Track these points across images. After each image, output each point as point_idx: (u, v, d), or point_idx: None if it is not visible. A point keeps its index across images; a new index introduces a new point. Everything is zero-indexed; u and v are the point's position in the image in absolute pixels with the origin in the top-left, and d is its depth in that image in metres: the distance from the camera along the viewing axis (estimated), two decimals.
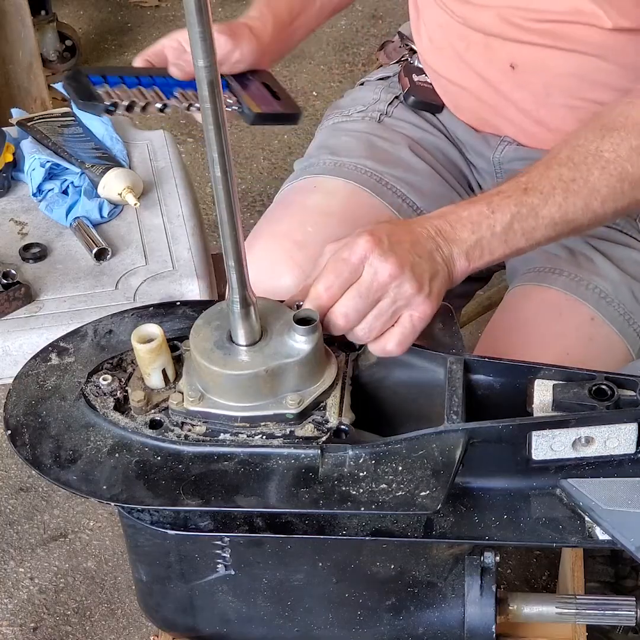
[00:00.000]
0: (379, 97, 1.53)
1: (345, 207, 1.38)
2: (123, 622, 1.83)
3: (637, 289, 1.33)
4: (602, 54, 1.29)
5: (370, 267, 1.03)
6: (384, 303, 1.04)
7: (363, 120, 1.51)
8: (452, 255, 1.10)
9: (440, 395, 0.98)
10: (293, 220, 1.37)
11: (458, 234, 1.09)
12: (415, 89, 1.50)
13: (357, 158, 1.43)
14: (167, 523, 0.98)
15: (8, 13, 2.51)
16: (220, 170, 0.85)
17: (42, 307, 1.49)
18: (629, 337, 1.31)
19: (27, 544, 1.96)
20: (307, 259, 1.30)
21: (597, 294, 1.31)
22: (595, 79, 1.31)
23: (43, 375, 1.05)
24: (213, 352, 0.96)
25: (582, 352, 1.25)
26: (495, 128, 1.44)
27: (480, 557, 1.02)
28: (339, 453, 0.94)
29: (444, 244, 1.09)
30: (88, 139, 1.72)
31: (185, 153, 2.81)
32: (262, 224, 1.41)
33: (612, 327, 1.30)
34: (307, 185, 1.43)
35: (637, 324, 1.32)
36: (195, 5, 0.77)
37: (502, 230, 1.10)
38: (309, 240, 1.32)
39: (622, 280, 1.33)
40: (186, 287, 1.52)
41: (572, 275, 1.32)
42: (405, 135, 1.48)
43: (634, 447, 0.95)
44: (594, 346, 1.29)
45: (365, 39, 3.32)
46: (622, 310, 1.31)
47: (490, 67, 1.37)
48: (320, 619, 1.04)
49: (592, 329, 1.30)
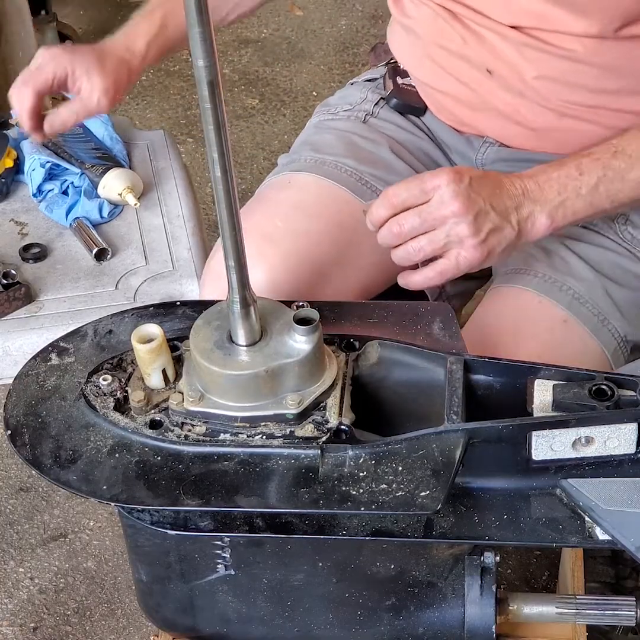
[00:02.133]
0: (365, 97, 1.54)
1: (317, 202, 1.39)
2: (123, 622, 1.83)
3: (613, 290, 1.33)
4: (575, 56, 1.29)
5: (439, 197, 1.14)
6: (439, 232, 1.15)
7: (348, 120, 1.52)
8: (533, 214, 1.18)
9: (440, 395, 0.98)
10: (264, 215, 1.37)
11: (545, 194, 1.18)
12: (398, 92, 1.51)
13: (338, 156, 1.44)
14: (167, 523, 0.98)
15: (8, 13, 2.51)
16: (220, 170, 0.85)
17: (42, 307, 1.49)
18: (603, 337, 1.31)
19: (27, 544, 1.96)
20: (276, 252, 1.31)
21: (571, 295, 1.31)
22: (570, 80, 1.31)
23: (43, 375, 1.05)
24: (213, 352, 0.96)
25: (554, 355, 1.24)
26: (477, 129, 1.44)
27: (480, 557, 1.02)
28: (339, 453, 0.94)
29: (526, 204, 1.17)
30: (88, 139, 1.72)
31: (185, 153, 2.81)
32: None
33: (585, 328, 1.30)
34: (283, 180, 1.44)
35: (611, 324, 1.31)
36: (195, 5, 0.77)
37: (587, 192, 1.19)
38: (278, 234, 1.33)
39: (597, 280, 1.33)
40: (186, 287, 1.52)
41: (547, 276, 1.32)
42: (388, 136, 1.49)
43: (634, 447, 0.95)
44: (567, 348, 1.28)
45: (365, 39, 3.32)
46: (596, 311, 1.31)
47: (469, 72, 1.38)
48: (320, 619, 1.04)
49: (565, 331, 1.30)
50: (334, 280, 1.36)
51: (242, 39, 3.35)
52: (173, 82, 3.18)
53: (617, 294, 1.33)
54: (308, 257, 1.33)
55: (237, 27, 3.39)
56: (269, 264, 1.30)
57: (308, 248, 1.34)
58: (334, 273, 1.36)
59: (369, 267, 1.40)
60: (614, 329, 1.31)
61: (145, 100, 3.13)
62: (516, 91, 1.35)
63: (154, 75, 3.18)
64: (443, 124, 1.48)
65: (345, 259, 1.38)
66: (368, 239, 1.34)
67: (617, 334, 1.32)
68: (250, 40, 3.35)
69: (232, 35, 3.36)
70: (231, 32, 3.36)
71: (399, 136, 1.49)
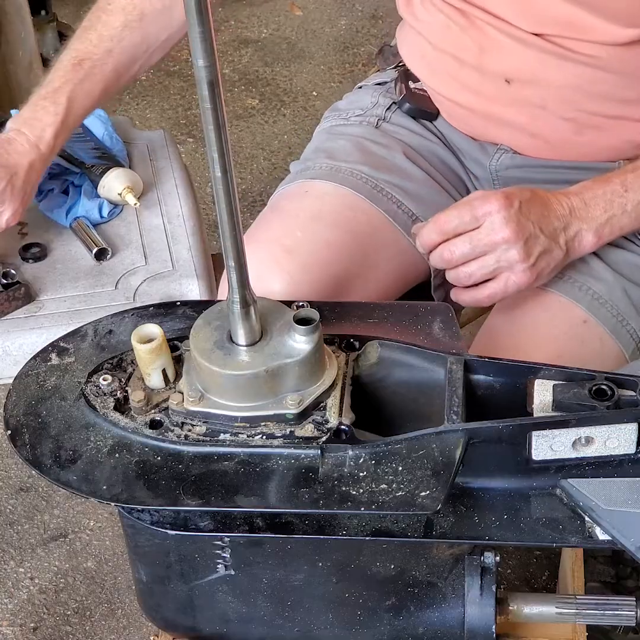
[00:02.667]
0: (377, 101, 1.52)
1: (335, 212, 1.38)
2: (123, 622, 1.83)
3: (632, 290, 1.33)
4: (599, 64, 1.28)
5: (490, 224, 1.17)
6: (489, 258, 1.19)
7: (361, 125, 1.50)
8: (580, 233, 1.21)
9: (440, 395, 0.98)
10: (282, 225, 1.36)
11: (591, 212, 1.21)
12: (410, 96, 1.50)
13: (354, 163, 1.42)
14: (167, 523, 0.98)
15: (8, 13, 2.51)
16: (220, 170, 0.85)
17: (42, 307, 1.49)
18: (622, 338, 1.31)
19: (27, 544, 1.96)
20: (296, 264, 1.30)
21: (591, 295, 1.31)
22: (593, 89, 1.31)
23: (43, 375, 1.05)
24: (213, 352, 0.95)
25: (574, 355, 1.25)
26: (490, 138, 1.44)
27: (480, 557, 1.02)
28: (339, 453, 0.94)
29: (574, 223, 1.20)
30: (88, 139, 1.72)
31: (185, 153, 2.81)
32: (252, 229, 1.40)
33: (605, 328, 1.30)
34: (299, 189, 1.43)
35: (630, 325, 1.31)
36: (195, 5, 0.77)
37: (632, 208, 1.22)
38: (298, 246, 1.32)
39: (616, 281, 1.33)
40: (186, 287, 1.52)
41: (567, 277, 1.32)
42: (401, 142, 1.48)
43: (634, 447, 0.95)
44: (587, 348, 1.29)
45: (365, 39, 3.32)
46: (615, 312, 1.31)
47: (484, 83, 1.37)
48: (320, 619, 1.04)
49: (585, 331, 1.30)
50: (353, 289, 1.36)
51: (242, 39, 3.35)
52: (173, 82, 3.19)
53: (636, 294, 1.33)
54: (328, 268, 1.33)
55: (237, 27, 3.39)
56: (289, 275, 1.29)
57: (328, 258, 1.33)
58: (353, 282, 1.36)
59: (387, 275, 1.40)
60: (633, 329, 1.32)
61: (145, 100, 3.13)
62: (535, 101, 1.34)
63: (154, 75, 3.18)
64: (456, 129, 1.47)
65: (364, 268, 1.37)
66: (385, 247, 1.35)
67: (636, 335, 1.32)
68: (250, 40, 3.35)
69: (232, 35, 3.36)
70: (231, 32, 3.36)
71: (412, 141, 1.48)
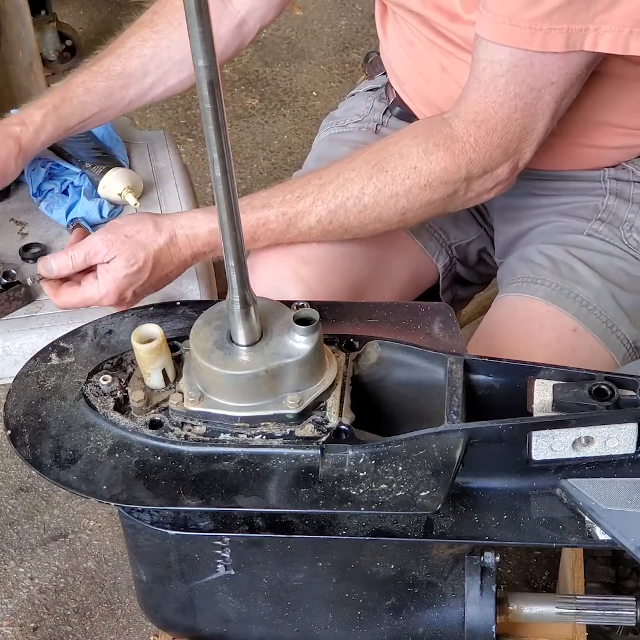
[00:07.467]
0: (372, 106, 1.53)
1: None
2: (123, 622, 1.84)
3: (620, 295, 1.32)
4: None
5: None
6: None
7: (360, 131, 1.51)
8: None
9: (440, 395, 0.98)
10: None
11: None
12: (400, 101, 1.51)
13: None
14: (167, 523, 0.98)
15: (8, 13, 2.51)
16: (220, 170, 0.85)
17: (42, 307, 1.49)
18: (612, 345, 1.30)
19: (27, 544, 1.96)
20: (313, 273, 1.31)
21: (579, 302, 1.30)
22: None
23: (43, 375, 1.05)
24: (213, 352, 0.95)
25: (564, 363, 1.25)
26: None
27: (480, 557, 1.02)
28: (339, 453, 0.94)
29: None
30: (88, 139, 1.72)
31: (185, 153, 2.81)
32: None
33: (594, 335, 1.30)
34: None
35: (620, 331, 1.31)
36: (195, 5, 0.77)
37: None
38: (314, 255, 1.33)
39: (604, 287, 1.32)
40: (186, 287, 1.52)
41: (554, 284, 1.32)
42: None
43: (634, 447, 0.95)
44: (577, 357, 1.28)
45: (365, 39, 3.32)
46: (604, 318, 1.30)
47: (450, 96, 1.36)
48: (320, 619, 1.04)
49: (575, 339, 1.30)
50: (367, 297, 1.36)
51: None
52: None
53: (624, 300, 1.32)
54: (344, 277, 1.34)
55: None
56: (306, 285, 1.30)
57: (343, 267, 1.34)
58: (368, 290, 1.37)
59: (401, 281, 1.41)
60: (623, 335, 1.31)
61: None
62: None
63: None
64: None
65: (378, 275, 1.38)
66: (398, 253, 1.35)
67: (626, 341, 1.31)
68: None
69: None
70: None
71: None
